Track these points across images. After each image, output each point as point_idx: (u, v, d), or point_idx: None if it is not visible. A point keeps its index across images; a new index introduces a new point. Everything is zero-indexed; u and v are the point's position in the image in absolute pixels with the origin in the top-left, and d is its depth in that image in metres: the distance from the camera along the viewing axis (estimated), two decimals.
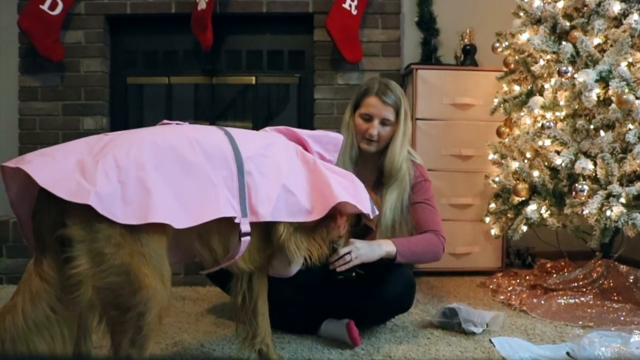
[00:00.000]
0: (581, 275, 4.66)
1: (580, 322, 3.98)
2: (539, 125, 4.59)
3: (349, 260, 3.26)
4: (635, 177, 4.09)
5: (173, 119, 3.18)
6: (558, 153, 4.39)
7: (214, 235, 2.68)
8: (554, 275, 4.84)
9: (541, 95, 4.75)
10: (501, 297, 4.64)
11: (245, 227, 2.64)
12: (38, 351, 2.27)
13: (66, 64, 6.12)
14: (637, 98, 3.99)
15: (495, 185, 5.22)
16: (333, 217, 2.97)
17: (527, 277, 5.07)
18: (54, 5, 5.90)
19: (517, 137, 4.97)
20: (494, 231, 5.33)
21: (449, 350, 3.45)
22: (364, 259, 3.34)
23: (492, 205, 5.28)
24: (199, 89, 6.55)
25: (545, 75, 4.75)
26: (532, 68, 4.83)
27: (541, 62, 4.74)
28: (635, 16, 4.18)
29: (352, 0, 5.94)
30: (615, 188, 4.02)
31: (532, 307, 4.29)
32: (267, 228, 2.82)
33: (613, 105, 4.08)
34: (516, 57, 5.16)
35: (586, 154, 4.29)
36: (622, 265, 4.57)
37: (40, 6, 5.84)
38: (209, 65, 6.38)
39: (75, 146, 2.38)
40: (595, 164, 4.17)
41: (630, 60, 4.16)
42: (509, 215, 5.06)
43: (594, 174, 4.18)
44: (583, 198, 4.15)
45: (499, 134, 5.35)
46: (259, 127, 5.67)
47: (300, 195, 2.78)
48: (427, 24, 6.33)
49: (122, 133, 2.56)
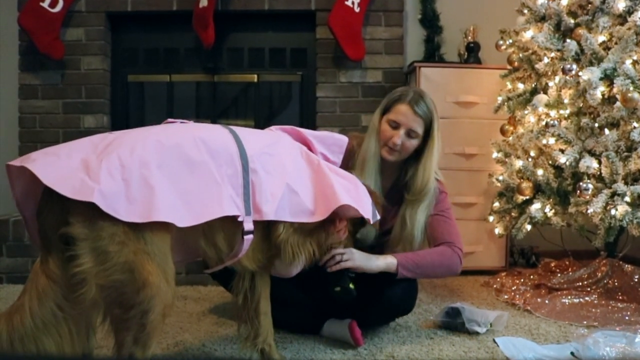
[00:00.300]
0: (586, 274, 4.66)
1: (584, 322, 3.99)
2: (543, 123, 4.59)
3: (338, 261, 3.24)
4: None
5: (174, 117, 3.18)
6: (562, 151, 4.39)
7: (219, 233, 2.68)
8: (558, 275, 4.84)
9: (545, 93, 4.75)
10: (505, 297, 4.64)
11: (249, 226, 2.65)
12: (47, 350, 2.29)
13: (67, 61, 6.13)
14: None
15: (499, 184, 5.22)
16: (333, 222, 2.98)
17: (531, 277, 5.05)
18: (54, 3, 5.91)
19: (521, 136, 4.97)
20: (498, 230, 5.32)
21: (453, 350, 3.46)
22: (357, 264, 3.30)
23: (496, 204, 5.28)
24: (201, 87, 6.55)
25: (549, 73, 4.75)
26: (536, 66, 4.83)
27: (545, 60, 4.74)
28: None
29: None
30: (620, 187, 4.02)
31: (536, 307, 4.29)
32: (269, 227, 2.83)
33: (618, 104, 4.08)
34: (520, 55, 5.17)
35: (591, 153, 4.28)
36: (627, 264, 4.57)
37: (41, 3, 5.85)
38: (210, 63, 6.39)
39: (80, 145, 2.39)
40: (599, 163, 4.17)
41: (635, 57, 4.16)
42: (512, 214, 5.05)
43: (598, 173, 4.18)
44: (587, 197, 4.15)
45: (503, 132, 5.36)
46: (261, 126, 5.70)
47: (304, 196, 2.79)
48: (431, 22, 6.34)
49: (127, 132, 2.57)
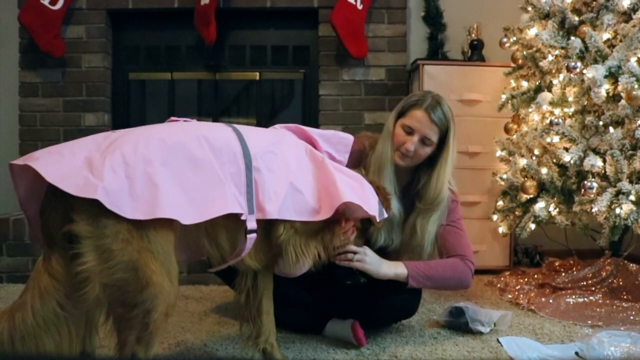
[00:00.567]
0: (590, 273, 4.66)
1: (589, 322, 3.98)
2: (548, 121, 4.59)
3: (350, 259, 3.22)
4: None
5: (176, 115, 3.19)
6: (567, 150, 4.39)
7: (222, 232, 2.69)
8: (563, 274, 4.84)
9: (549, 91, 4.75)
10: (509, 296, 4.64)
11: (252, 224, 2.66)
12: (46, 349, 2.30)
13: (67, 59, 6.14)
14: None
15: (502, 183, 5.22)
16: (339, 222, 2.98)
17: (535, 276, 5.06)
18: (54, 0, 5.91)
19: (525, 134, 4.97)
20: (502, 229, 5.32)
21: (456, 350, 3.46)
22: (366, 268, 3.28)
23: (500, 202, 5.28)
24: (202, 84, 6.57)
25: (553, 71, 4.74)
26: (541, 63, 4.83)
27: (549, 58, 4.74)
28: None
29: None
30: (624, 185, 4.02)
31: (541, 306, 4.29)
32: (268, 222, 2.82)
33: (622, 102, 4.08)
34: (524, 53, 5.16)
35: (595, 151, 4.29)
36: (632, 263, 4.57)
37: (41, 1, 5.86)
38: (212, 61, 6.40)
39: (83, 144, 2.41)
40: (604, 161, 4.17)
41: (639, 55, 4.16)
42: (516, 213, 5.06)
43: (603, 171, 4.18)
44: (592, 195, 4.16)
45: (507, 130, 5.35)
46: (263, 124, 5.71)
47: (308, 194, 2.79)
48: (434, 19, 6.32)
49: (130, 130, 2.59)
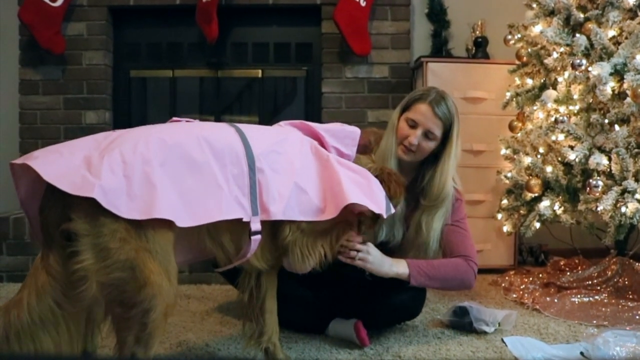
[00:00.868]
0: (595, 273, 4.65)
1: (594, 321, 3.99)
2: (552, 119, 4.59)
3: (352, 257, 3.20)
4: None
5: (177, 113, 3.20)
6: (572, 148, 4.39)
7: (225, 233, 2.70)
8: (568, 273, 4.84)
9: (554, 88, 4.75)
10: (513, 296, 4.64)
11: (256, 226, 2.66)
12: (43, 347, 2.31)
13: (68, 56, 6.14)
14: None
15: (507, 181, 5.21)
16: (347, 222, 2.98)
17: (540, 275, 5.04)
18: None
19: (530, 132, 4.96)
20: (506, 228, 5.32)
21: (460, 350, 3.47)
22: (368, 267, 3.28)
23: (504, 201, 5.27)
24: (204, 82, 6.55)
25: (558, 68, 4.74)
26: (545, 61, 4.83)
27: (554, 55, 4.73)
28: None
29: None
30: (630, 184, 4.02)
31: (545, 306, 4.29)
32: (274, 222, 2.82)
33: (628, 99, 4.08)
34: (529, 50, 5.16)
35: (600, 149, 4.29)
36: (638, 263, 4.56)
37: None
38: (214, 58, 6.40)
39: (83, 143, 2.43)
40: (609, 159, 4.17)
41: None
42: (521, 211, 5.05)
43: (608, 170, 4.18)
44: (597, 194, 4.15)
45: (512, 128, 5.35)
46: (266, 122, 5.71)
47: (313, 194, 2.79)
48: (438, 16, 6.32)
49: (130, 130, 2.60)
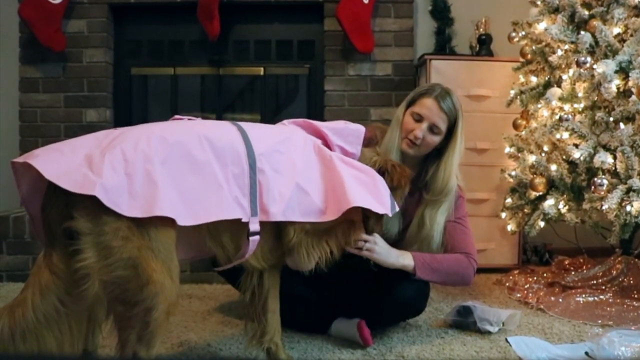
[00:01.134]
0: (600, 272, 4.66)
1: (599, 321, 3.99)
2: (557, 117, 4.59)
3: (360, 247, 3.23)
4: None
5: (179, 111, 3.21)
6: (576, 146, 4.39)
7: (225, 233, 2.71)
8: (572, 273, 4.84)
9: (559, 86, 4.74)
10: (518, 295, 4.64)
11: (254, 227, 2.67)
12: (47, 346, 2.31)
13: (68, 54, 6.14)
14: None
15: (511, 180, 5.21)
16: (352, 221, 2.98)
17: (545, 275, 5.05)
18: None
19: (534, 130, 4.96)
20: (510, 227, 5.32)
21: (464, 350, 3.47)
22: (375, 257, 3.29)
23: (509, 200, 5.27)
24: (206, 80, 6.56)
25: (563, 66, 4.74)
26: (550, 58, 4.82)
27: (559, 53, 4.73)
28: None
29: None
30: (635, 182, 4.01)
31: (550, 306, 4.30)
32: (277, 224, 2.84)
33: (633, 97, 4.08)
34: (533, 47, 5.15)
35: (605, 147, 4.28)
36: None
37: None
38: (215, 56, 6.40)
39: (84, 141, 2.44)
40: (614, 158, 4.17)
41: None
42: (525, 210, 5.05)
43: (613, 168, 4.18)
44: (602, 193, 4.15)
45: (516, 126, 5.34)
46: (268, 120, 5.71)
47: (314, 195, 2.80)
48: (441, 13, 6.31)
49: (132, 128, 2.61)
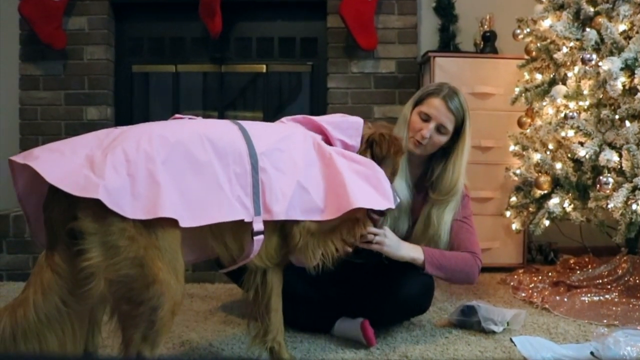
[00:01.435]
0: (606, 271, 4.66)
1: (604, 321, 3.99)
2: (562, 115, 4.59)
3: (370, 240, 3.25)
4: None
5: (180, 109, 3.21)
6: (582, 144, 4.39)
7: (228, 233, 2.71)
8: (578, 272, 4.84)
9: (564, 84, 4.74)
10: (522, 295, 4.64)
11: (258, 226, 2.67)
12: (49, 346, 2.32)
13: (69, 51, 6.15)
14: None
15: (516, 178, 5.21)
16: (356, 219, 2.99)
17: (550, 274, 5.05)
18: None
19: (539, 128, 4.96)
20: (515, 226, 5.32)
21: (468, 349, 3.47)
22: (385, 250, 3.32)
23: (513, 198, 5.27)
24: (208, 77, 6.57)
25: (568, 63, 4.73)
26: (555, 56, 4.83)
27: (564, 50, 4.73)
28: None
29: None
30: None
31: (555, 305, 4.30)
32: (282, 226, 2.86)
33: (639, 95, 4.08)
34: (538, 45, 5.15)
35: (611, 145, 4.28)
36: None
37: None
38: (217, 53, 6.40)
39: (85, 141, 2.44)
40: (620, 156, 4.17)
41: None
42: (530, 209, 5.05)
43: (619, 166, 4.18)
44: (608, 191, 4.15)
45: (520, 124, 5.35)
46: (270, 118, 5.72)
47: (314, 193, 2.81)
48: (445, 10, 6.31)
49: (132, 127, 2.60)
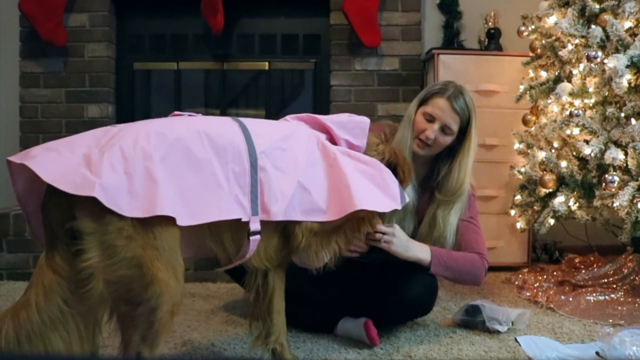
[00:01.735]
0: (611, 270, 4.66)
1: (610, 320, 3.99)
2: (567, 113, 4.58)
3: (378, 239, 3.24)
4: None
5: (182, 107, 3.20)
6: (587, 142, 4.38)
7: (226, 232, 2.70)
8: (583, 271, 4.84)
9: (569, 81, 4.74)
10: (527, 294, 4.64)
11: (255, 226, 2.66)
12: (54, 348, 2.32)
13: (70, 48, 6.15)
14: None
15: (521, 176, 5.21)
16: (360, 218, 2.98)
17: (555, 273, 5.05)
18: None
19: (544, 126, 4.96)
20: (520, 224, 5.32)
21: (472, 349, 3.47)
22: (393, 250, 3.31)
23: (518, 197, 5.27)
24: (210, 75, 6.57)
25: (573, 61, 4.74)
26: (560, 53, 4.82)
27: (569, 47, 4.73)
28: None
29: None
30: None
31: (560, 305, 4.30)
32: (284, 226, 2.85)
33: None
34: (543, 42, 5.16)
35: (617, 144, 4.27)
36: None
37: None
38: (219, 50, 6.41)
39: (82, 139, 2.43)
40: (626, 154, 4.16)
41: None
42: (535, 207, 5.05)
43: (624, 165, 4.17)
44: (613, 189, 4.14)
45: (525, 122, 5.35)
46: (273, 115, 5.72)
47: (316, 194, 2.79)
48: (449, 7, 6.30)
49: (130, 124, 2.60)
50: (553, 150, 4.86)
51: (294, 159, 2.79)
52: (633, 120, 4.21)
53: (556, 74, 5.01)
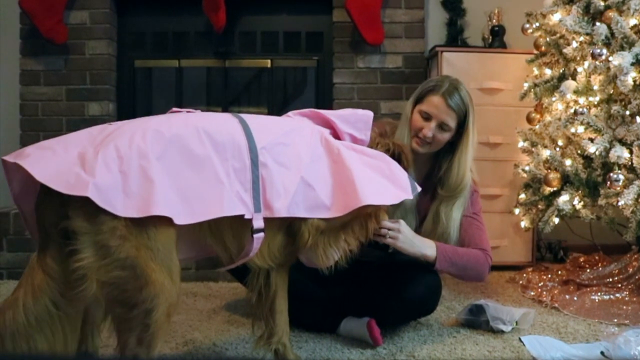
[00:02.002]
0: (616, 270, 4.65)
1: (615, 320, 3.97)
2: (572, 111, 4.57)
3: (383, 235, 3.23)
4: None
5: (184, 105, 3.19)
6: (592, 140, 4.37)
7: (227, 231, 2.68)
8: (588, 270, 4.84)
9: (574, 79, 4.73)
10: (531, 293, 4.63)
11: (258, 223, 2.63)
12: (37, 348, 2.30)
13: (70, 46, 6.14)
14: None
15: (525, 175, 5.20)
16: (367, 214, 2.98)
17: (559, 272, 5.05)
18: None
19: (549, 124, 4.96)
20: (524, 223, 5.31)
21: (476, 349, 3.46)
22: (398, 246, 3.29)
23: (522, 195, 5.26)
24: (211, 72, 6.56)
25: (578, 58, 4.73)
26: (564, 50, 4.81)
27: (574, 44, 4.72)
28: None
29: None
30: None
31: (564, 304, 4.29)
32: (289, 224, 2.83)
33: None
34: (547, 39, 5.14)
35: (621, 142, 4.26)
36: None
37: None
38: (221, 48, 6.39)
39: (77, 138, 2.41)
40: (631, 152, 4.15)
41: None
42: (539, 206, 5.04)
43: (629, 163, 4.16)
44: (618, 188, 4.14)
45: (529, 120, 5.34)
46: (275, 113, 5.71)
47: (320, 189, 2.76)
48: (453, 4, 6.30)
49: (127, 122, 2.58)
50: (557, 149, 4.85)
51: (297, 155, 2.76)
52: (638, 119, 4.20)
53: (561, 71, 5.00)
